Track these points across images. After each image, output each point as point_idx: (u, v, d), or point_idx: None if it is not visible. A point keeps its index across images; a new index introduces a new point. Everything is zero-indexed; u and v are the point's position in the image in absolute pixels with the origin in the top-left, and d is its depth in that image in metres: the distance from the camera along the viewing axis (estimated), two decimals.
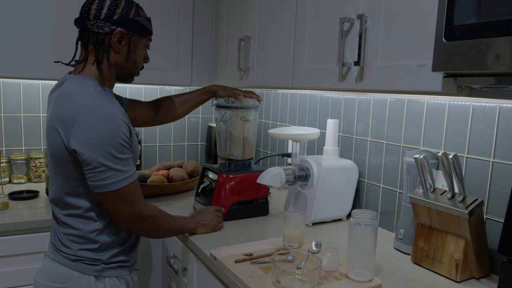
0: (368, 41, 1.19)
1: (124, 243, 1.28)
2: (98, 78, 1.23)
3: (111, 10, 1.18)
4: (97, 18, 1.18)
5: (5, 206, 1.74)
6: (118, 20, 1.19)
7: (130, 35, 1.22)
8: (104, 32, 1.18)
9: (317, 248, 1.30)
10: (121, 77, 1.29)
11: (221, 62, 2.11)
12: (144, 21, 1.24)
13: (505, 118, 1.23)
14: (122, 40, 1.21)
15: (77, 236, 1.21)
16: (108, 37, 1.19)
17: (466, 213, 1.16)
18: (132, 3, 1.23)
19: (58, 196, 1.22)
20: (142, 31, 1.24)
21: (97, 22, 1.17)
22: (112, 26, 1.18)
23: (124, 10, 1.19)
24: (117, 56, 1.22)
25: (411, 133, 1.53)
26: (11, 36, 1.78)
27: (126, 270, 1.29)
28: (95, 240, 1.22)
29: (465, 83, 0.94)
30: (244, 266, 1.21)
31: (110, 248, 1.24)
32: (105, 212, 1.21)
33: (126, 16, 1.20)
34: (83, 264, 1.21)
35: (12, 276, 1.63)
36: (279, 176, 1.57)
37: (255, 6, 1.77)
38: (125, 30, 1.20)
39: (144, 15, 1.26)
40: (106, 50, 1.20)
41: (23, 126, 2.19)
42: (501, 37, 0.77)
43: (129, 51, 1.23)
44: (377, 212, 1.65)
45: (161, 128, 2.52)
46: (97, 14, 1.18)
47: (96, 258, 1.22)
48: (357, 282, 1.14)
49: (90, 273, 1.21)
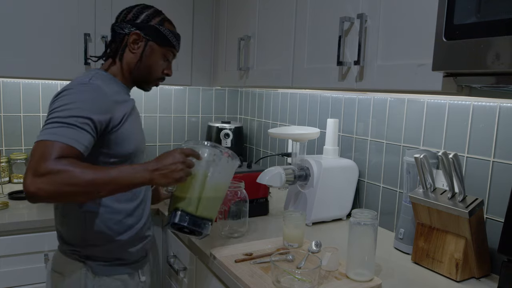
0: (368, 41, 1.19)
1: (112, 240, 1.24)
2: (113, 73, 1.29)
3: (136, 15, 1.27)
4: (122, 21, 1.28)
5: (5, 206, 1.74)
6: (139, 24, 1.26)
7: (147, 39, 1.27)
8: (124, 32, 1.27)
9: (317, 247, 1.30)
10: (136, 80, 1.33)
11: (221, 62, 2.11)
12: (165, 31, 1.29)
13: (505, 117, 1.23)
14: (138, 41, 1.27)
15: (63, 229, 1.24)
16: (127, 37, 1.27)
17: (466, 213, 1.16)
18: (159, 14, 1.30)
19: None
20: (161, 39, 1.28)
21: (121, 23, 1.28)
22: (132, 28, 1.26)
23: (147, 16, 1.28)
24: (131, 56, 1.28)
25: (411, 133, 1.52)
26: (11, 36, 1.78)
27: (122, 269, 1.27)
28: (79, 233, 1.22)
29: (465, 83, 0.93)
30: (244, 266, 1.21)
31: (94, 244, 1.22)
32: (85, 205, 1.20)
33: (148, 21, 1.27)
34: (73, 260, 1.22)
35: (12, 276, 1.63)
36: (279, 175, 1.57)
37: (255, 6, 1.77)
38: (143, 33, 1.26)
39: (170, 28, 1.31)
40: (122, 49, 1.28)
41: (23, 125, 2.19)
42: (501, 36, 0.77)
43: (143, 54, 1.28)
44: (377, 211, 1.65)
45: (161, 128, 2.52)
46: (124, 17, 1.29)
47: (81, 253, 1.22)
48: (357, 281, 1.14)
49: (81, 269, 1.22)
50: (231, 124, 2.45)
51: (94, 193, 1.04)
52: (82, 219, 1.21)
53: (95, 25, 1.91)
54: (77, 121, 1.07)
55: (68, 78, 1.90)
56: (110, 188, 1.05)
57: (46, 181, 0.98)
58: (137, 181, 1.08)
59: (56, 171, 0.98)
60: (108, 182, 1.04)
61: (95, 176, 1.02)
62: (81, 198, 1.05)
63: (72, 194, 1.01)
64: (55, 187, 0.98)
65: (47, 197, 0.99)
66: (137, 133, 1.28)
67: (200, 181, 1.19)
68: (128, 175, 1.07)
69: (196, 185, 1.19)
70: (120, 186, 1.07)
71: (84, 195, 1.03)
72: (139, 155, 1.29)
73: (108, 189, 1.05)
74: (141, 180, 1.09)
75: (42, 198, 0.99)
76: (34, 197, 0.98)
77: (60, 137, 1.03)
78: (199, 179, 1.19)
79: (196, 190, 1.19)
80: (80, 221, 1.21)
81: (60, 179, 0.99)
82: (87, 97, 1.13)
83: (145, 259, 1.36)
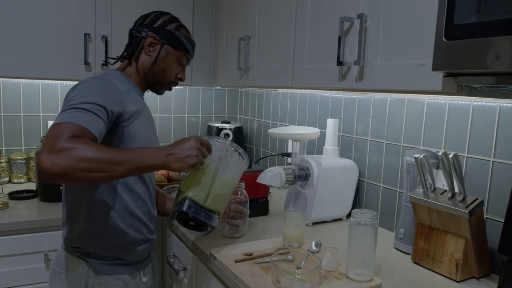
0: (368, 41, 1.19)
1: (115, 240, 1.25)
2: (128, 74, 1.33)
3: (153, 20, 1.33)
4: (140, 25, 1.34)
5: (5, 206, 1.74)
6: (156, 28, 1.32)
7: (163, 42, 1.31)
8: (141, 36, 1.32)
9: (317, 247, 1.30)
10: (150, 82, 1.36)
11: (221, 62, 2.11)
12: (181, 36, 1.34)
13: (505, 117, 1.23)
14: (154, 44, 1.31)
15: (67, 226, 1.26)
16: (143, 40, 1.32)
17: (466, 213, 1.16)
18: (175, 20, 1.36)
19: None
20: (176, 43, 1.33)
21: (139, 27, 1.33)
22: (149, 32, 1.31)
23: (164, 21, 1.33)
24: (146, 58, 1.32)
25: (411, 133, 1.53)
26: (11, 36, 1.78)
27: (123, 269, 1.27)
28: (83, 230, 1.23)
29: (465, 83, 0.93)
30: (244, 266, 1.21)
31: (97, 242, 1.23)
32: (85, 203, 1.22)
33: (164, 26, 1.32)
34: (76, 257, 1.24)
35: (12, 276, 1.63)
36: (279, 175, 1.57)
37: (255, 6, 1.77)
38: (159, 37, 1.31)
39: (185, 34, 1.36)
40: (138, 51, 1.32)
41: (23, 125, 2.19)
42: (501, 37, 0.77)
43: (158, 57, 1.32)
44: (377, 211, 1.65)
45: (161, 128, 2.52)
46: (141, 22, 1.34)
47: (84, 251, 1.23)
48: (357, 281, 1.14)
49: (83, 266, 1.23)
50: (231, 124, 2.45)
51: (108, 172, 1.02)
52: (88, 216, 1.22)
53: (95, 25, 1.91)
54: (91, 107, 1.08)
55: (68, 78, 1.91)
56: (125, 168, 1.04)
57: (61, 157, 0.97)
58: (151, 163, 1.07)
59: (71, 147, 0.98)
60: (123, 161, 1.03)
61: (110, 155, 1.02)
62: (95, 175, 1.01)
63: (86, 170, 0.99)
64: (70, 162, 0.97)
65: (62, 174, 0.97)
66: (146, 136, 1.27)
67: (211, 174, 1.21)
68: (143, 157, 1.07)
69: (207, 177, 1.20)
70: (135, 167, 1.06)
71: (98, 172, 1.01)
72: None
73: (122, 169, 1.04)
74: (155, 163, 1.08)
75: (57, 175, 0.97)
76: (49, 173, 0.96)
77: (75, 119, 1.04)
78: (211, 172, 1.21)
79: (207, 182, 1.20)
80: (85, 219, 1.23)
81: (75, 155, 0.98)
82: (101, 89, 1.15)
83: (147, 260, 1.36)
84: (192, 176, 1.21)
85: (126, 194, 1.24)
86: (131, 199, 1.25)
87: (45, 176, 0.97)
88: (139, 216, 1.27)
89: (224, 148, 1.24)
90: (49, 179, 0.98)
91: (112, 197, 1.22)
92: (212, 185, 1.21)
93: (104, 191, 1.21)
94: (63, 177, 0.98)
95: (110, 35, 1.94)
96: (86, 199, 1.22)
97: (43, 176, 0.98)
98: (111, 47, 1.94)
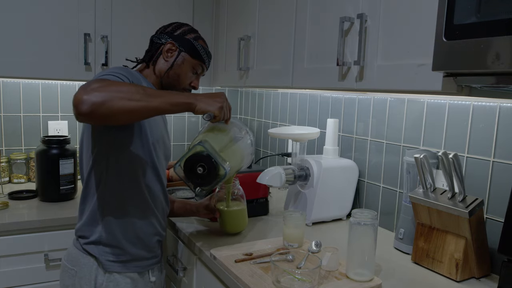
0: (368, 41, 1.19)
1: (126, 239, 1.27)
2: (144, 75, 1.38)
3: (174, 29, 1.39)
4: (161, 32, 1.40)
5: (5, 206, 1.74)
6: (175, 36, 1.38)
7: (181, 50, 1.37)
8: (160, 42, 1.38)
9: (317, 247, 1.30)
10: (165, 86, 1.39)
11: (221, 62, 2.11)
12: (198, 46, 1.39)
13: (505, 117, 1.23)
14: (172, 51, 1.37)
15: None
16: (162, 46, 1.38)
17: (466, 213, 1.16)
18: (194, 31, 1.42)
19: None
20: (193, 52, 1.38)
21: (160, 35, 1.39)
22: (168, 39, 1.37)
23: (184, 31, 1.39)
24: (163, 62, 1.37)
25: (411, 133, 1.53)
26: (11, 36, 1.78)
27: (133, 267, 1.29)
28: (95, 228, 1.26)
29: (465, 83, 0.93)
30: (244, 266, 1.21)
31: (108, 240, 1.26)
32: (95, 202, 1.26)
33: (184, 35, 1.39)
34: (86, 255, 1.26)
35: (12, 276, 1.63)
36: (279, 175, 1.57)
37: (255, 6, 1.77)
38: (177, 44, 1.37)
39: (203, 45, 1.42)
40: (156, 56, 1.38)
41: (23, 125, 2.19)
42: (501, 36, 0.77)
43: (175, 62, 1.37)
44: (377, 211, 1.65)
45: None
46: (163, 30, 1.41)
47: (94, 249, 1.26)
48: (357, 281, 1.14)
49: (93, 264, 1.26)
50: None
51: (146, 101, 1.06)
52: (101, 214, 1.25)
53: (95, 25, 1.91)
54: (117, 75, 1.17)
55: (68, 78, 1.91)
56: (160, 100, 1.08)
57: (97, 90, 1.01)
58: (183, 100, 1.13)
59: (105, 84, 1.03)
60: (158, 94, 1.10)
61: (144, 88, 1.09)
62: (133, 104, 1.04)
63: (125, 98, 1.02)
64: (106, 92, 1.01)
65: (101, 102, 0.99)
66: (159, 130, 1.33)
67: (228, 136, 1.25)
68: (175, 94, 1.14)
69: (224, 136, 1.24)
70: (168, 102, 1.10)
71: (135, 101, 1.04)
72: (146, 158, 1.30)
73: (158, 101, 1.08)
74: (186, 100, 1.14)
75: (95, 103, 0.99)
76: (88, 102, 0.98)
77: (106, 76, 1.14)
78: (228, 134, 1.26)
79: (223, 140, 1.23)
80: (98, 216, 1.26)
81: (110, 87, 1.03)
82: (126, 72, 1.24)
83: (156, 260, 1.38)
84: (211, 128, 1.25)
85: (147, 190, 1.30)
86: (141, 203, 1.30)
87: (84, 108, 0.98)
88: (153, 210, 1.33)
89: (240, 126, 1.33)
90: (87, 113, 0.99)
91: (122, 200, 1.27)
92: (227, 145, 1.23)
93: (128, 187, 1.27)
94: (102, 105, 1.00)
95: (110, 35, 1.94)
96: (100, 199, 1.26)
97: (81, 109, 0.98)
98: (111, 47, 1.95)
